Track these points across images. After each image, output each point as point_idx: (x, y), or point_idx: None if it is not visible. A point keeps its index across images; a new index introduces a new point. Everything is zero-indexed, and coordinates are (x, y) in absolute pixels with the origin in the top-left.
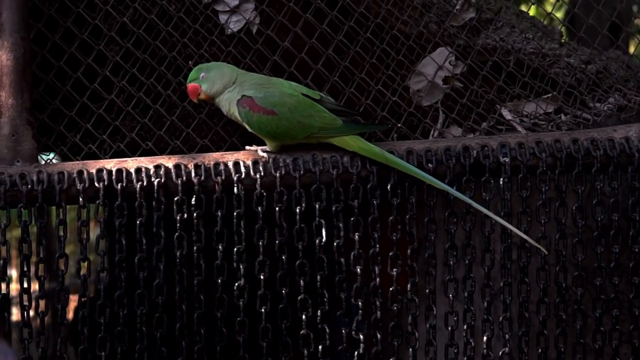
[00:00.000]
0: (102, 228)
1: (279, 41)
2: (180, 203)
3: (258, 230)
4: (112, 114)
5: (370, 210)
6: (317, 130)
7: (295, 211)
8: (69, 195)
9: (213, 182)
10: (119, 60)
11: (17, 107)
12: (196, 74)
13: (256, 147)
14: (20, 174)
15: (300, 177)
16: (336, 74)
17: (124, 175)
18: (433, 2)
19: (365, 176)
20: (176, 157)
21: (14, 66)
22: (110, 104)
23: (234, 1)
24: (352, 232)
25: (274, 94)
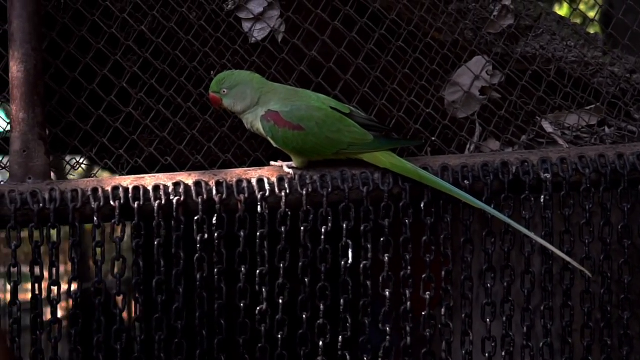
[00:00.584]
0: (117, 249)
1: (306, 50)
2: (201, 222)
3: (280, 252)
4: (130, 128)
5: (402, 230)
6: (347, 146)
7: (321, 231)
8: (83, 214)
9: (235, 201)
10: (136, 71)
11: (29, 122)
12: (217, 87)
13: (281, 162)
14: (32, 191)
15: (327, 195)
16: (366, 85)
17: (141, 193)
18: (469, 8)
19: (397, 194)
20: (197, 174)
21: (24, 78)
22: (127, 117)
23: (258, 8)
24: (381, 253)
25: (301, 108)
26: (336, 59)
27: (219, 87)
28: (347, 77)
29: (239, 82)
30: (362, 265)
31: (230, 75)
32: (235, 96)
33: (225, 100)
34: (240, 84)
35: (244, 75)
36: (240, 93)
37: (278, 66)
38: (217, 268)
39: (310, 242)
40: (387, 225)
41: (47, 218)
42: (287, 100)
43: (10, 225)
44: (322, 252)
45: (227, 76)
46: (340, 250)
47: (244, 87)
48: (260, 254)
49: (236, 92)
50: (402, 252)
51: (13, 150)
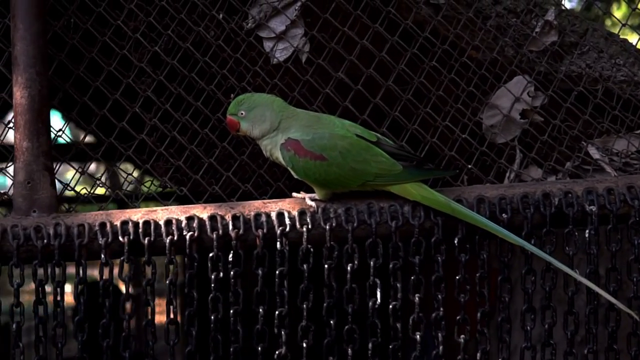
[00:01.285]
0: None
1: (332, 71)
2: (216, 260)
3: (303, 291)
4: (143, 155)
5: (434, 268)
6: (373, 177)
7: (347, 269)
8: (90, 250)
9: (253, 236)
10: (150, 95)
11: (33, 151)
12: (235, 109)
13: (304, 194)
14: (36, 226)
15: (353, 230)
16: (397, 109)
17: (152, 228)
18: (509, 24)
19: (428, 229)
20: (212, 207)
21: (28, 105)
22: (140, 144)
23: (280, 27)
24: (411, 293)
25: (323, 136)
26: (365, 81)
27: (237, 109)
28: (376, 100)
29: (258, 105)
30: (391, 306)
31: (250, 97)
32: (253, 119)
33: (242, 123)
34: (260, 107)
35: (263, 98)
36: (259, 116)
37: (302, 88)
38: (233, 309)
39: (335, 281)
40: (418, 263)
41: (51, 255)
42: (308, 128)
43: (12, 262)
44: (348, 292)
45: (246, 98)
46: (367, 289)
47: (264, 109)
48: (280, 293)
49: (255, 115)
50: (434, 292)
51: (17, 182)
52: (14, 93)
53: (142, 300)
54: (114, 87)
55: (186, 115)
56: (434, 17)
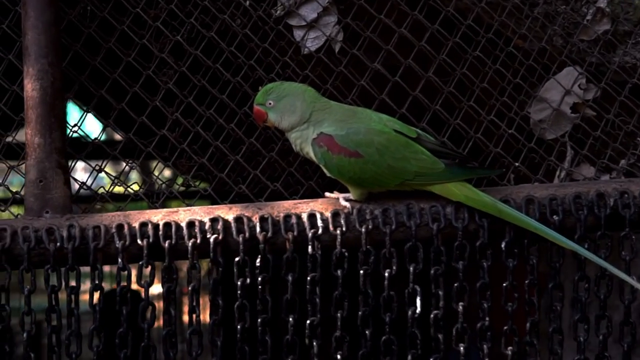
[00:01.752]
0: (147, 294)
1: (367, 62)
2: (242, 265)
3: (336, 299)
4: (165, 152)
5: (479, 274)
6: (413, 176)
7: (384, 275)
8: (107, 254)
9: (283, 239)
10: (172, 88)
11: (45, 148)
12: (262, 98)
13: (337, 194)
14: (48, 228)
15: (391, 233)
16: (438, 102)
17: (173, 230)
18: (558, 11)
19: (473, 231)
20: (238, 207)
21: (40, 98)
22: (162, 140)
23: (312, 14)
24: (455, 301)
25: (359, 131)
26: (403, 72)
27: (265, 98)
28: (415, 93)
29: (288, 94)
30: (432, 315)
31: (279, 86)
32: (282, 110)
33: (270, 114)
34: (289, 96)
35: (294, 87)
36: (288, 106)
37: (335, 80)
38: (260, 318)
39: (371, 288)
40: (462, 269)
41: (64, 258)
42: (343, 122)
43: (23, 266)
44: (386, 300)
45: (275, 87)
46: (406, 297)
47: (294, 99)
48: (311, 301)
49: (284, 105)
50: (479, 300)
51: (28, 180)
52: (24, 85)
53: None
54: (134, 79)
55: (211, 109)
56: (477, 4)
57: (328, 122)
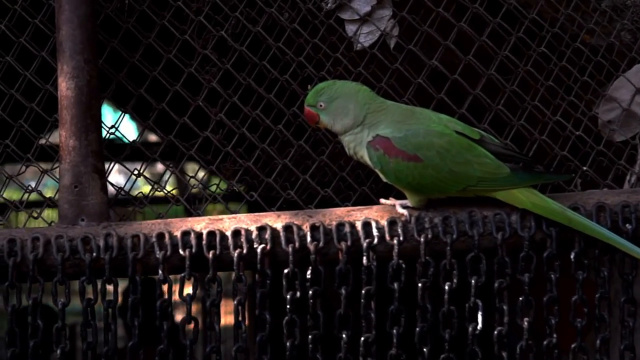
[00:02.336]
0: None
1: (425, 58)
2: (292, 277)
3: (393, 314)
4: (208, 155)
5: (546, 288)
6: (476, 181)
7: (444, 288)
8: (146, 265)
9: (335, 250)
10: (215, 86)
11: (81, 150)
12: (313, 100)
13: (394, 201)
14: (84, 237)
15: (452, 243)
16: (500, 101)
17: (217, 239)
18: (627, 4)
19: (540, 241)
20: (287, 215)
21: (75, 97)
22: (204, 143)
23: (365, 7)
24: (520, 316)
25: (418, 133)
26: (462, 69)
27: (316, 99)
28: (476, 92)
29: (340, 95)
30: (496, 332)
31: (331, 86)
32: (334, 112)
33: (322, 116)
34: (342, 97)
35: (347, 87)
36: (341, 108)
37: (390, 79)
38: (311, 334)
39: (430, 302)
40: (528, 281)
41: (101, 270)
42: (400, 123)
43: (57, 278)
44: (446, 315)
45: (327, 87)
46: (467, 312)
47: (346, 101)
48: (366, 317)
49: (336, 107)
50: (546, 315)
51: (62, 186)
52: (58, 84)
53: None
54: (175, 77)
55: (257, 110)
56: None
57: (384, 124)
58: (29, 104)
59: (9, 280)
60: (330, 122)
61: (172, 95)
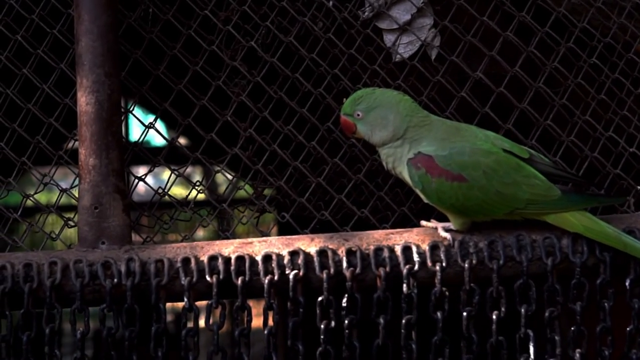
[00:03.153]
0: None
1: (468, 70)
2: (326, 305)
3: (436, 345)
4: (237, 173)
5: (599, 317)
6: (524, 204)
7: (492, 318)
8: (171, 292)
9: (373, 276)
10: (245, 100)
11: (101, 169)
12: (350, 109)
13: (436, 223)
14: (104, 262)
15: (499, 269)
16: (549, 116)
17: (247, 265)
18: None
19: (593, 267)
20: (321, 238)
21: (96, 113)
22: (233, 160)
23: (405, 16)
24: (571, 347)
25: (463, 151)
26: (508, 82)
27: (353, 108)
28: (523, 106)
29: (380, 104)
30: None
31: (370, 94)
32: (373, 122)
33: (359, 126)
34: (382, 107)
35: (388, 96)
36: (379, 119)
37: (431, 91)
38: None
39: (475, 332)
40: (580, 311)
41: (122, 297)
42: (444, 141)
43: (75, 305)
44: (494, 347)
45: (366, 94)
46: (517, 343)
47: (386, 111)
48: (407, 348)
49: (375, 117)
50: (599, 346)
51: (82, 207)
52: (78, 99)
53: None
54: (202, 90)
55: (289, 125)
56: (592, 4)
57: (427, 141)
58: (47, 119)
59: (25, 307)
60: (368, 133)
61: (199, 110)
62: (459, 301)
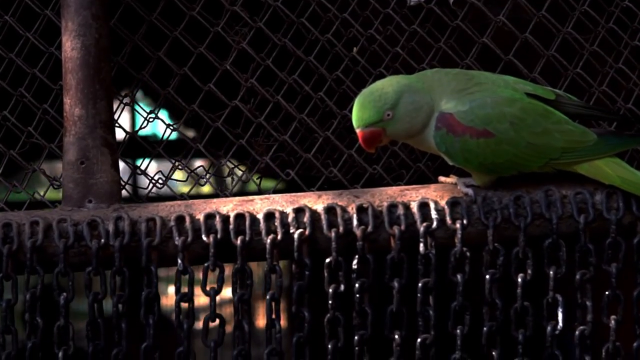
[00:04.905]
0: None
1: (489, 14)
2: (335, 268)
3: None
4: (237, 129)
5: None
6: (559, 154)
7: (517, 281)
8: (163, 254)
9: (387, 235)
10: (245, 48)
11: (88, 121)
12: (376, 115)
13: (456, 178)
14: (91, 221)
15: (525, 227)
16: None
17: (247, 223)
18: None
19: (629, 225)
20: (329, 195)
21: (82, 59)
22: (233, 114)
23: None
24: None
25: (485, 103)
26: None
27: (382, 111)
28: (550, 53)
29: (401, 91)
30: (577, 332)
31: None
32: (406, 113)
33: (392, 127)
34: (405, 93)
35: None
36: (410, 104)
37: (449, 39)
38: (358, 334)
39: (499, 297)
40: (615, 273)
41: (110, 259)
42: (462, 92)
43: (58, 269)
44: (519, 313)
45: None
46: (545, 309)
47: (410, 95)
48: (423, 314)
49: (406, 106)
50: (636, 313)
51: (67, 162)
52: (62, 44)
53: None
54: (199, 39)
55: (293, 75)
56: None
57: (445, 97)
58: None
59: (3, 271)
60: (405, 127)
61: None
62: (481, 264)
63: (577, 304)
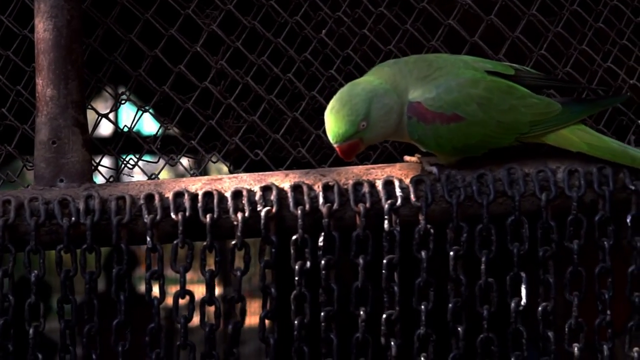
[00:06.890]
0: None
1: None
2: (301, 244)
3: (420, 288)
4: (207, 110)
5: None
6: (528, 128)
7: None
8: (133, 231)
9: (352, 213)
10: (216, 30)
11: (60, 101)
12: (353, 127)
13: (420, 157)
14: (62, 199)
15: (488, 205)
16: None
17: (215, 201)
18: None
19: (591, 203)
20: (296, 174)
21: (54, 40)
22: (203, 95)
23: None
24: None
25: (450, 87)
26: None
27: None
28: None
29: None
30: (540, 309)
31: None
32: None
33: (368, 135)
34: (374, 99)
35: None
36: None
37: (416, 21)
38: (324, 311)
39: (463, 274)
40: (577, 250)
41: (82, 237)
42: (425, 80)
43: (29, 247)
44: (482, 289)
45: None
46: (508, 285)
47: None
48: (388, 290)
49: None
50: (598, 289)
51: (38, 141)
52: (35, 25)
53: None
54: (169, 21)
55: (263, 56)
56: None
57: (412, 87)
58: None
59: None
60: (378, 131)
61: (167, 41)
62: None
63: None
